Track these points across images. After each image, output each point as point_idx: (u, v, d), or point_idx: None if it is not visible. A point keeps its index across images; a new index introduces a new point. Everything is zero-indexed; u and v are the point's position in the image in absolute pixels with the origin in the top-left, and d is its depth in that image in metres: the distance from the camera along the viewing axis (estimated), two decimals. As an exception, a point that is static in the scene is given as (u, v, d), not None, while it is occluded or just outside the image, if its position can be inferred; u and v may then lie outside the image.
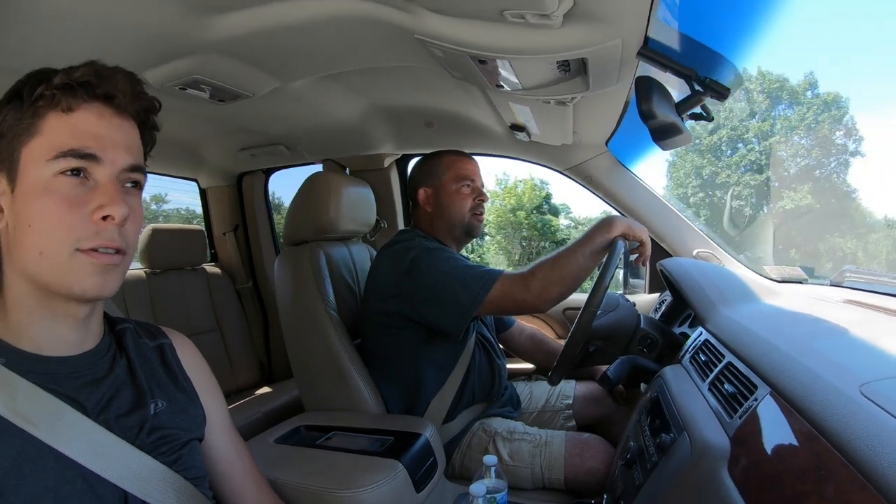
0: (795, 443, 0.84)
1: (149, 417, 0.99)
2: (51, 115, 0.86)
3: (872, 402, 0.78)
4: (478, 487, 1.30)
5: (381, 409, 2.01)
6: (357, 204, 2.36)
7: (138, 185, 0.95)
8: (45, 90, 0.85)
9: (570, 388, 2.29)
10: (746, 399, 1.03)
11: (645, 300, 2.59)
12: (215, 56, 1.66)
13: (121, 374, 1.00)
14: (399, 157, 3.11)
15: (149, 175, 0.98)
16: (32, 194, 0.84)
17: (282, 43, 1.62)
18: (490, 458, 1.44)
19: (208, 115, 2.32)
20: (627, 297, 2.00)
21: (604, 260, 1.63)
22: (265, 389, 3.38)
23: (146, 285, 3.10)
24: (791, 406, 0.89)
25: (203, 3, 1.42)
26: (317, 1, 1.41)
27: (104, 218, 0.85)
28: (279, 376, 3.64)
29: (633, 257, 1.75)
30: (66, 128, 0.86)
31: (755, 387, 1.04)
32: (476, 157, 2.24)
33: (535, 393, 2.33)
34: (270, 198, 3.67)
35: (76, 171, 0.85)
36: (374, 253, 2.57)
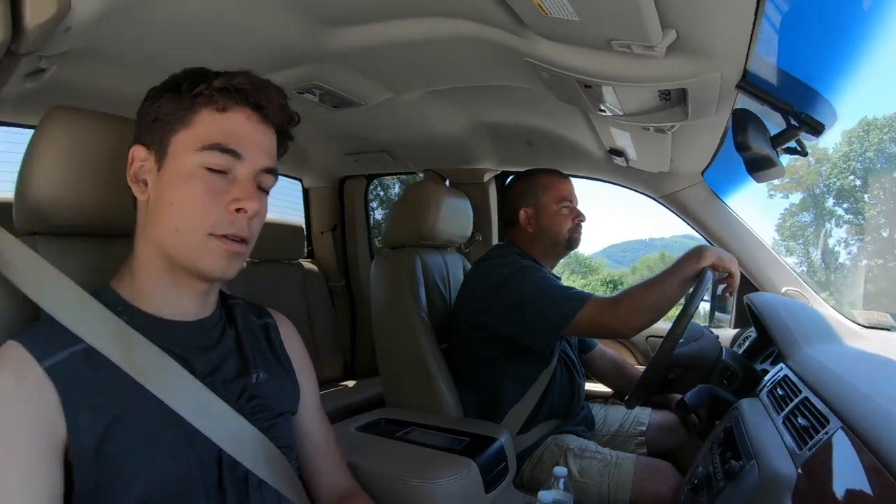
0: (861, 477, 0.85)
1: (250, 385, 1.08)
2: (205, 112, 0.97)
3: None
4: (545, 495, 1.33)
5: (460, 413, 2.08)
6: (455, 215, 2.44)
7: (269, 186, 1.06)
8: (204, 89, 0.96)
9: (645, 416, 2.29)
10: (818, 432, 1.04)
11: (729, 335, 2.57)
12: (334, 65, 1.78)
13: (229, 343, 1.11)
14: (498, 173, 3.16)
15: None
16: (178, 177, 0.96)
17: (398, 57, 1.72)
18: (560, 470, 1.47)
19: (319, 120, 2.44)
20: (712, 329, 1.99)
21: (691, 289, 1.64)
22: (348, 383, 3.49)
23: (246, 273, 3.21)
24: (861, 441, 0.90)
25: (327, 16, 1.53)
26: (435, 20, 1.50)
27: (238, 210, 0.96)
28: (361, 374, 3.73)
29: (721, 288, 1.75)
30: (217, 125, 0.97)
31: (827, 421, 1.05)
32: (573, 180, 2.29)
33: (610, 416, 2.33)
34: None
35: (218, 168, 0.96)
36: (468, 263, 2.65)
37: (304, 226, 3.78)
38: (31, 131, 2.34)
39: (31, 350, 0.89)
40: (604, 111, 1.73)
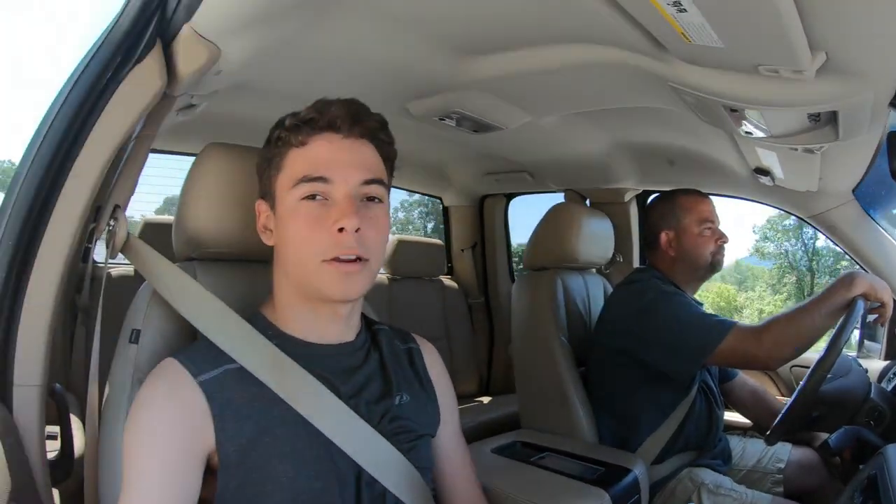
0: None
1: (392, 407, 1.14)
2: (290, 153, 1.07)
3: None
4: (677, 530, 1.36)
5: (595, 438, 2.10)
6: (596, 236, 2.47)
7: (379, 195, 1.10)
8: (280, 133, 1.08)
9: (784, 452, 2.19)
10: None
11: (878, 367, 2.42)
12: (474, 92, 1.84)
13: (373, 366, 1.17)
14: (639, 192, 3.10)
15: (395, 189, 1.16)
16: (286, 217, 1.06)
17: (537, 83, 1.75)
18: None
19: (459, 142, 2.52)
20: (860, 360, 1.91)
21: (841, 320, 1.57)
22: (483, 399, 3.56)
23: (387, 290, 3.44)
24: None
25: (466, 46, 1.60)
26: (575, 46, 1.53)
27: (340, 230, 1.00)
28: (496, 390, 3.77)
29: (871, 318, 1.67)
30: (302, 159, 1.05)
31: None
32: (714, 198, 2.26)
33: (748, 450, 2.26)
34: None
35: (313, 196, 1.04)
36: (609, 286, 2.66)
37: (443, 244, 3.89)
38: (178, 157, 2.60)
39: (186, 366, 1.01)
40: (750, 133, 1.69)
